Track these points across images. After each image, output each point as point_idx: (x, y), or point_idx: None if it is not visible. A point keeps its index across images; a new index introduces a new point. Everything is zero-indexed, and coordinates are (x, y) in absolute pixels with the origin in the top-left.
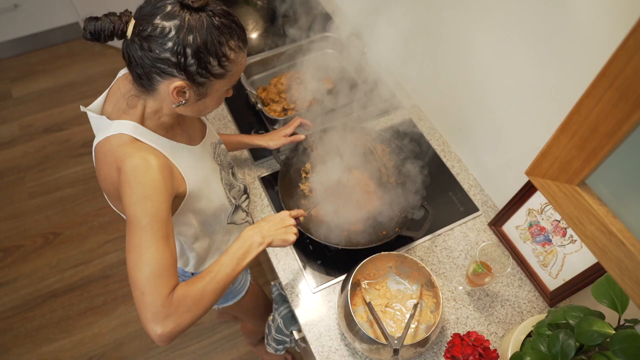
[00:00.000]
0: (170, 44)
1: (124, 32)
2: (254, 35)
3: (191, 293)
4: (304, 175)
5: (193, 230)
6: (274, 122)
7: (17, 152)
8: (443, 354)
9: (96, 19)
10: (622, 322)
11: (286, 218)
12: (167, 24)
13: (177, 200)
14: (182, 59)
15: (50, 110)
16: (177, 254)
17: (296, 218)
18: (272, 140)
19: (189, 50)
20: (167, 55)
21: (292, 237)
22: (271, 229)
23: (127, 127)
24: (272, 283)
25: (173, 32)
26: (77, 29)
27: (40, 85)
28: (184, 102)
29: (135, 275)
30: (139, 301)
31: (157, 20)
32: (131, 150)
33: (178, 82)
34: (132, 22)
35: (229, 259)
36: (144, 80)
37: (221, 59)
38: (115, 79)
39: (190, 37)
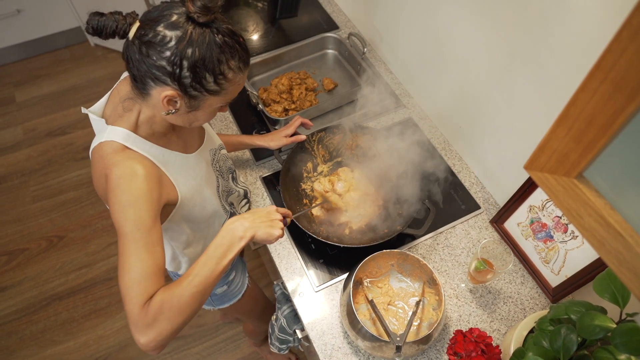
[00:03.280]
0: (168, 53)
1: (126, 33)
2: (254, 36)
3: (169, 301)
4: (305, 174)
5: (185, 237)
6: (275, 122)
7: (21, 156)
8: (445, 350)
9: (101, 14)
10: (623, 316)
11: (273, 212)
12: (169, 34)
13: (168, 208)
14: (178, 70)
15: (53, 114)
16: (165, 260)
17: (283, 218)
18: (273, 140)
19: (185, 63)
20: (163, 63)
21: (278, 232)
22: (255, 220)
23: (119, 134)
24: (275, 283)
25: (173, 42)
26: (80, 33)
27: (44, 89)
28: (174, 111)
29: (120, 282)
30: (124, 308)
31: (160, 28)
32: (119, 158)
33: (170, 91)
34: (137, 24)
35: (207, 259)
36: (138, 83)
37: (218, 76)
38: (118, 80)
39: (189, 50)
